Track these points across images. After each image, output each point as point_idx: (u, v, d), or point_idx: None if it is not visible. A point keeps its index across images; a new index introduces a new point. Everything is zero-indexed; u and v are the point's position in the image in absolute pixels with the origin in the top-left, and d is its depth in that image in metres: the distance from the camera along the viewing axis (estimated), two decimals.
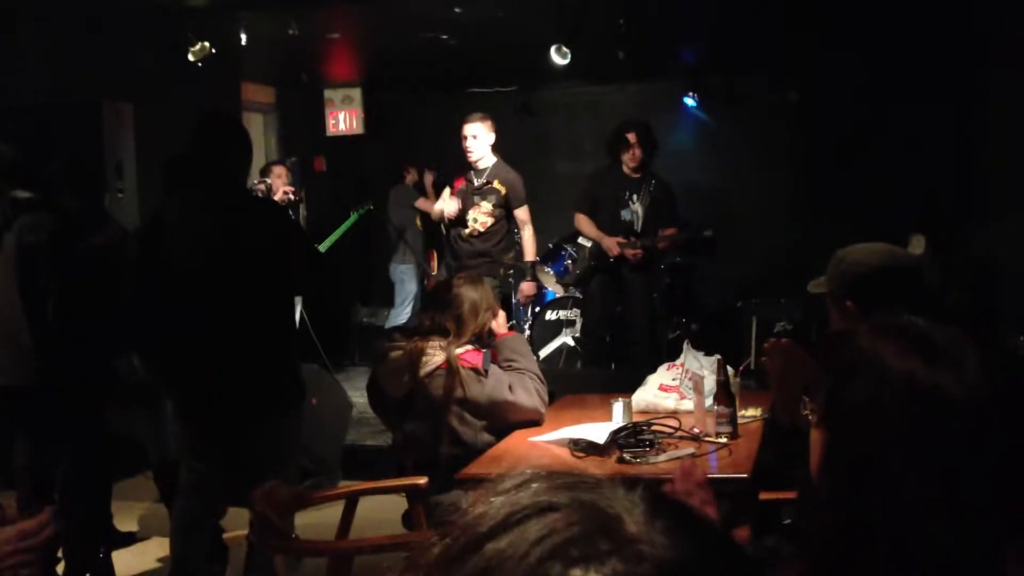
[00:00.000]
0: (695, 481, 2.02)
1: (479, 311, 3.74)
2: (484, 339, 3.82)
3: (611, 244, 6.56)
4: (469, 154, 6.10)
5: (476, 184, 6.17)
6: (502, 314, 3.98)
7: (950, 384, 1.15)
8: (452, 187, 6.30)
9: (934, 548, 1.10)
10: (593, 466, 3.25)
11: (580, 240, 7.10)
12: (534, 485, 0.69)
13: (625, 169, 6.66)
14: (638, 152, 6.56)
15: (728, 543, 0.67)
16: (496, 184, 6.15)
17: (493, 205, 6.14)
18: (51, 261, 4.06)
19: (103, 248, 4.16)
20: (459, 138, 6.11)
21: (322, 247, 7.33)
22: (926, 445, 1.14)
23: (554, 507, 0.65)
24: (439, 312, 3.75)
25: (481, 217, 6.15)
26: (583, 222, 6.75)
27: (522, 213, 6.26)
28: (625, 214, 6.64)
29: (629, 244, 6.55)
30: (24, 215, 4.11)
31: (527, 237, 6.37)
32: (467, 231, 6.16)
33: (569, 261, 7.54)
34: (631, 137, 6.58)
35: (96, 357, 4.23)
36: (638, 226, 6.62)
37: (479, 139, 6.06)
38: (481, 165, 6.14)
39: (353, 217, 7.83)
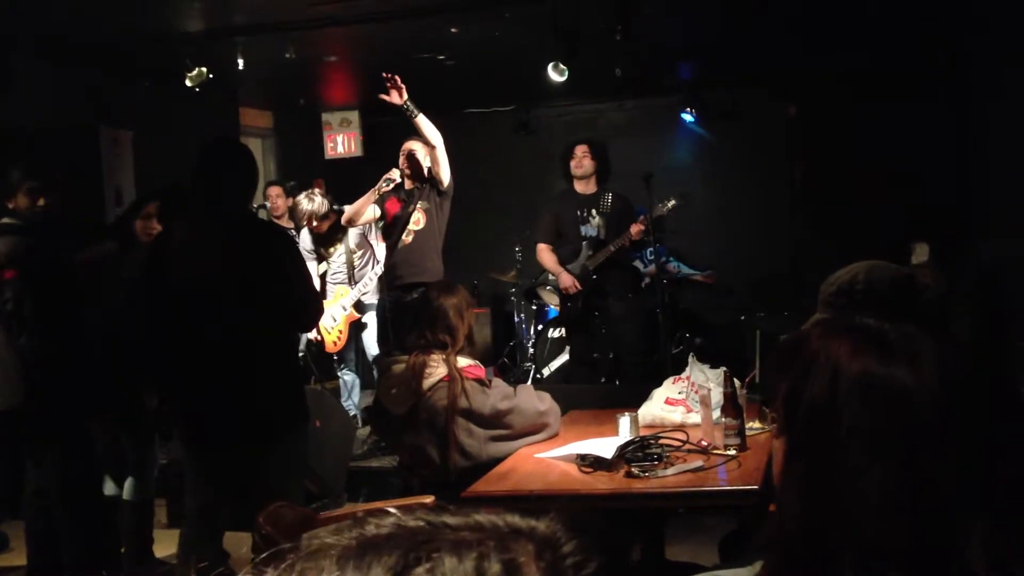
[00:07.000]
0: None
1: (463, 313, 3.84)
2: (478, 349, 3.86)
3: (568, 282, 6.53)
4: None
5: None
6: None
7: (905, 377, 1.15)
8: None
9: (897, 542, 1.09)
10: (601, 481, 3.23)
11: (539, 291, 7.16)
12: None
13: (579, 188, 6.66)
14: (585, 162, 6.58)
15: None
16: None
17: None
18: (22, 284, 4.11)
19: (89, 265, 4.19)
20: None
21: None
22: (884, 438, 1.13)
23: None
24: (429, 328, 3.80)
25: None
26: (544, 253, 6.73)
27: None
28: (586, 230, 6.64)
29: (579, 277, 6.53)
30: None
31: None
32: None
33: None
34: (578, 150, 6.63)
35: (82, 377, 4.25)
36: (602, 236, 6.60)
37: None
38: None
39: None
